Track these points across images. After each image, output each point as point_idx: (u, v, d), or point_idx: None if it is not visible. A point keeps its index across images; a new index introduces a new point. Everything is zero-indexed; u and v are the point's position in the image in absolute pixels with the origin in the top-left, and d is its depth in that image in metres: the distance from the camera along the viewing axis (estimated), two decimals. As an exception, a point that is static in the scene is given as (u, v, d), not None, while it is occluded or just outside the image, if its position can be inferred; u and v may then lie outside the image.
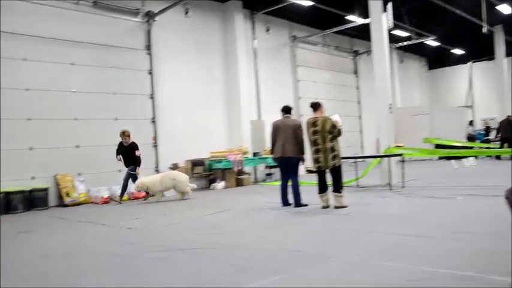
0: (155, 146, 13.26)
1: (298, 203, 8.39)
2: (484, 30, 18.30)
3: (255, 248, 5.41)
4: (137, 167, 11.15)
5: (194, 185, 11.98)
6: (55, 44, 11.52)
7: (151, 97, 13.27)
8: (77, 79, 11.89)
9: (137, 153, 11.16)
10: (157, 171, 13.04)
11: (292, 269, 4.33)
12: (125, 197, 11.46)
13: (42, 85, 11.27)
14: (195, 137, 14.02)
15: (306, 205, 8.40)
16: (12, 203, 10.36)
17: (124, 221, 8.14)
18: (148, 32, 13.36)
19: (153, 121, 13.27)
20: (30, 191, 10.69)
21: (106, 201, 11.29)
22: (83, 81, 11.99)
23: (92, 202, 11.37)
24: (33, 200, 10.68)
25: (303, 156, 8.48)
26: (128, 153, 11.18)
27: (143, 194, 11.45)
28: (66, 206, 10.96)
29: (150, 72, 13.31)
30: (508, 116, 18.75)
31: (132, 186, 11.34)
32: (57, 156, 11.33)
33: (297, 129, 8.35)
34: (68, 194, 11.14)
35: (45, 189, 10.89)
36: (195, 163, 13.69)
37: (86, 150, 11.82)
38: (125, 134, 11.10)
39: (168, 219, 8.13)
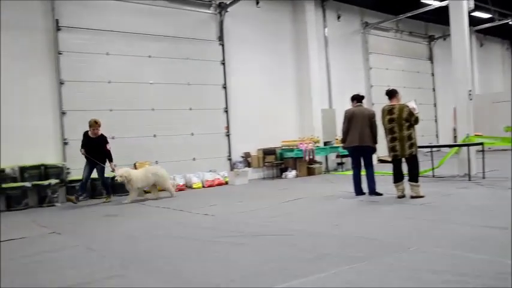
0: (228, 135, 13.56)
1: (374, 191, 8.31)
2: None
3: (331, 235, 5.42)
4: (111, 162, 10.03)
5: (176, 182, 11.33)
6: (134, 38, 12.06)
7: (224, 87, 13.56)
8: (154, 71, 12.39)
9: (108, 146, 9.95)
10: (229, 159, 13.35)
11: (372, 257, 4.30)
12: (108, 197, 10.49)
13: (122, 77, 11.86)
14: (266, 126, 14.16)
15: (381, 194, 8.28)
16: (97, 189, 11.04)
17: (200, 207, 8.42)
18: (221, 23, 13.62)
19: (226, 111, 13.56)
20: (113, 178, 11.30)
21: (182, 189, 11.70)
22: (160, 73, 12.47)
23: (169, 189, 11.83)
24: (115, 187, 11.28)
25: (375, 145, 8.39)
26: (97, 146, 9.83)
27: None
28: (145, 192, 11.48)
29: (223, 63, 13.58)
30: None
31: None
32: (136, 145, 11.89)
33: (372, 118, 8.28)
34: (146, 181, 11.64)
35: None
36: (267, 152, 13.84)
37: (163, 140, 12.32)
38: (97, 124, 9.76)
39: (242, 206, 8.32)
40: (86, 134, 9.86)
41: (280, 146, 14.02)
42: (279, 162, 13.84)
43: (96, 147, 9.76)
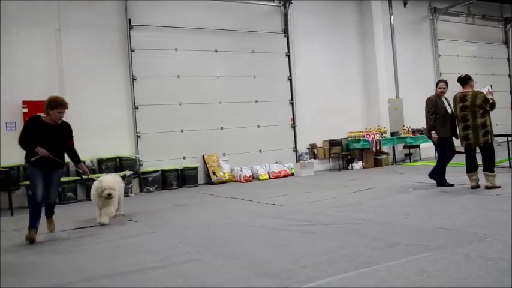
0: (293, 127, 13.62)
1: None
2: None
3: (403, 225, 5.36)
4: (79, 163, 6.64)
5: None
6: (200, 33, 12.40)
7: (289, 79, 13.62)
8: (220, 65, 12.69)
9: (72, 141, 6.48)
10: (295, 151, 13.42)
11: (445, 247, 4.22)
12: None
13: (190, 72, 12.24)
14: (332, 117, 14.08)
15: (452, 185, 8.04)
16: (167, 180, 11.51)
17: (268, 197, 8.57)
18: (285, 15, 13.67)
19: (291, 102, 13.62)
20: (182, 170, 11.74)
21: (249, 180, 11.92)
22: (226, 67, 12.75)
23: (235, 181, 12.11)
24: (185, 178, 11.72)
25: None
26: (57, 140, 6.13)
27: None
28: (213, 183, 11.82)
29: (288, 55, 13.64)
30: None
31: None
32: (204, 137, 12.25)
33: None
34: (214, 173, 12.00)
35: (195, 168, 11.88)
36: (333, 143, 13.77)
37: (230, 132, 12.59)
38: (64, 105, 6.07)
39: (309, 197, 8.37)
40: (36, 119, 6.03)
41: (346, 137, 13.89)
42: (345, 153, 13.73)
43: (55, 142, 6.05)
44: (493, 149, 7.48)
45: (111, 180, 7.03)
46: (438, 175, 8.28)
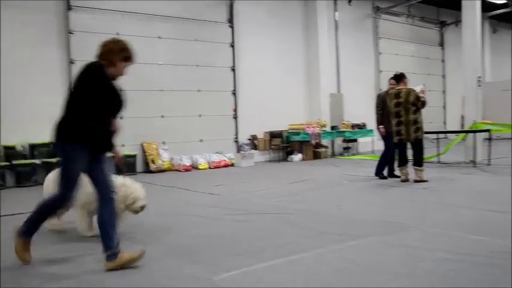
0: (235, 117, 13.61)
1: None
2: None
3: (334, 215, 5.52)
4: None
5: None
6: (144, 18, 12.07)
7: (233, 69, 13.57)
8: (163, 52, 12.42)
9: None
10: (236, 142, 13.44)
11: (370, 236, 4.41)
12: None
13: (131, 58, 11.89)
14: (274, 109, 14.19)
15: (385, 177, 8.38)
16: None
17: (206, 187, 8.55)
18: (231, 6, 13.58)
19: (234, 93, 13.60)
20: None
21: (188, 169, 11.82)
22: (169, 54, 12.51)
23: (175, 169, 11.97)
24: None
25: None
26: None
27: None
28: (152, 172, 11.62)
29: (232, 45, 13.58)
30: None
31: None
32: (144, 125, 11.98)
33: None
34: (153, 161, 11.80)
35: (134, 156, 11.62)
36: (274, 135, 13.91)
37: (170, 121, 12.40)
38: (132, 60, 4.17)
39: (248, 187, 8.43)
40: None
41: (287, 130, 14.07)
42: (285, 145, 13.90)
43: None
44: (423, 145, 7.84)
45: (141, 188, 4.89)
46: (379, 165, 8.62)
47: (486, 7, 18.81)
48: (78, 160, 3.64)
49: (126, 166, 4.38)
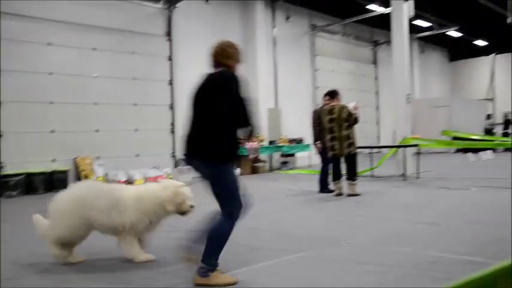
0: (173, 131, 13.44)
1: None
2: (509, 20, 17.98)
3: (268, 230, 5.55)
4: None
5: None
6: (78, 29, 11.71)
7: (171, 83, 13.43)
8: (98, 64, 12.09)
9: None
10: (174, 156, 13.24)
11: (302, 251, 4.45)
12: None
13: (65, 69, 11.49)
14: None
15: (331, 191, 8.47)
16: (33, 184, 10.66)
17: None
18: (169, 19, 13.49)
19: (172, 107, 13.44)
20: (51, 173, 10.97)
21: (124, 185, 11.49)
22: (104, 66, 12.19)
23: (111, 185, 11.59)
24: (54, 182, 10.94)
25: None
26: None
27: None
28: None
29: (170, 59, 13.46)
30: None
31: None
32: (77, 139, 11.57)
33: None
34: (86, 177, 11.38)
35: (65, 172, 11.15)
36: (212, 149, 13.82)
37: (105, 135, 12.05)
38: None
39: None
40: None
41: (225, 144, 14.03)
42: (224, 160, 13.85)
43: None
44: (356, 160, 8.08)
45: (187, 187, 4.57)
46: (322, 181, 8.75)
47: (414, 29, 19.92)
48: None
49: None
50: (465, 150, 17.29)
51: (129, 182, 11.69)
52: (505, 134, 21.72)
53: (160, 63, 13.27)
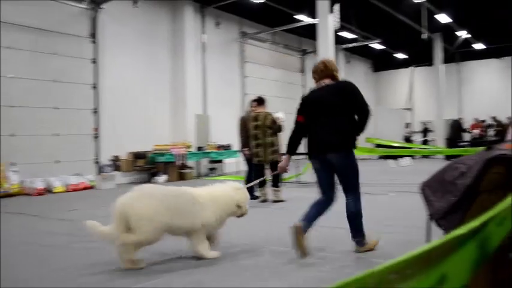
0: (96, 137, 12.94)
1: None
2: (424, 36, 19.18)
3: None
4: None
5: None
6: (-8, 26, 11.00)
7: (94, 87, 12.93)
8: (16, 64, 11.39)
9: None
10: (97, 163, 12.74)
11: (222, 259, 4.42)
12: None
13: (-25, 69, 10.74)
14: (138, 129, 13.82)
15: (257, 197, 8.47)
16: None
17: (59, 212, 7.94)
18: (94, 20, 13.02)
19: (95, 111, 12.94)
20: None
21: (41, 193, 10.89)
22: (22, 67, 11.51)
23: (26, 193, 10.95)
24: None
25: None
26: None
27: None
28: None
29: (94, 61, 12.97)
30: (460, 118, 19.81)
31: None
32: (-10, 144, 10.83)
33: None
34: (-1, 184, 10.68)
35: (-25, 179, 10.40)
36: (138, 156, 13.50)
37: (22, 139, 11.36)
38: None
39: (105, 211, 7.96)
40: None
41: (152, 150, 13.76)
42: (149, 166, 13.57)
43: None
44: (279, 166, 8.18)
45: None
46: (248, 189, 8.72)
47: (340, 40, 20.70)
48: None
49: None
50: (387, 157, 18.12)
51: (48, 189, 11.11)
52: (425, 142, 23.04)
53: (84, 66, 12.75)
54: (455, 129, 18.98)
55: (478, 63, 26.71)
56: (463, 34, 22.19)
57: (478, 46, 24.33)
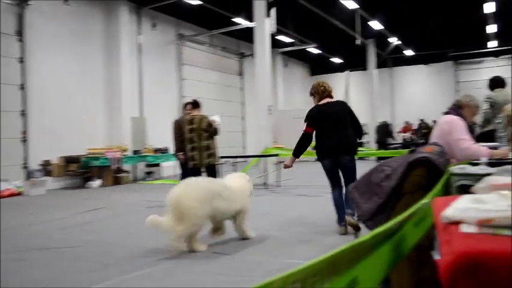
0: (24, 140, 12.27)
1: None
2: (358, 42, 19.85)
3: (124, 245, 5.33)
4: None
5: None
6: None
7: (22, 88, 12.27)
8: None
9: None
10: (25, 168, 12.09)
11: (157, 264, 4.34)
12: None
13: None
14: (71, 133, 13.25)
15: None
16: None
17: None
18: (20, 16, 12.36)
19: (23, 114, 12.28)
20: None
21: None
22: None
23: None
24: None
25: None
26: None
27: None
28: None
29: (22, 61, 12.30)
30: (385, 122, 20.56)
31: None
32: None
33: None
34: None
35: None
36: (70, 160, 12.94)
37: None
38: None
39: (33, 219, 7.61)
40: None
41: (85, 154, 13.26)
42: (83, 170, 13.07)
43: None
44: (216, 170, 8.14)
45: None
46: None
47: (278, 44, 21.00)
48: None
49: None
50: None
51: (-31, 196, 10.42)
52: (360, 144, 23.78)
53: (10, 65, 12.06)
54: (382, 132, 19.73)
55: (409, 69, 28.01)
56: (394, 41, 23.19)
57: (408, 52, 25.52)
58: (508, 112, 4.59)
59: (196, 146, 7.79)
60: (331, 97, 5.73)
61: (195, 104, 8.11)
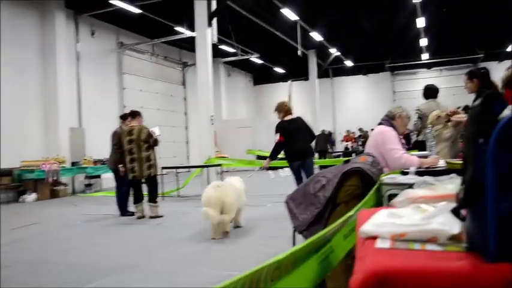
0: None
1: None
2: (299, 53, 20.25)
3: (56, 263, 5.08)
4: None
5: None
6: None
7: None
8: None
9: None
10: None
11: (92, 281, 4.17)
12: None
13: None
14: (4, 144, 12.55)
15: (132, 214, 8.18)
16: None
17: None
18: None
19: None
20: None
21: None
22: None
23: None
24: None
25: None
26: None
27: None
28: None
29: None
30: (323, 131, 20.99)
31: None
32: None
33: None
34: None
35: None
36: (2, 173, 12.26)
37: None
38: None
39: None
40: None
41: (18, 167, 12.60)
42: (16, 184, 12.42)
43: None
44: (156, 181, 8.00)
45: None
46: (121, 204, 8.40)
47: (220, 53, 21.03)
48: None
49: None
50: (268, 168, 18.60)
51: None
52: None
53: None
54: (322, 141, 20.18)
55: (349, 79, 28.90)
56: (334, 52, 23.86)
57: (348, 63, 26.35)
58: (432, 119, 4.82)
59: (135, 157, 7.63)
60: (291, 114, 7.24)
61: (134, 114, 7.95)
